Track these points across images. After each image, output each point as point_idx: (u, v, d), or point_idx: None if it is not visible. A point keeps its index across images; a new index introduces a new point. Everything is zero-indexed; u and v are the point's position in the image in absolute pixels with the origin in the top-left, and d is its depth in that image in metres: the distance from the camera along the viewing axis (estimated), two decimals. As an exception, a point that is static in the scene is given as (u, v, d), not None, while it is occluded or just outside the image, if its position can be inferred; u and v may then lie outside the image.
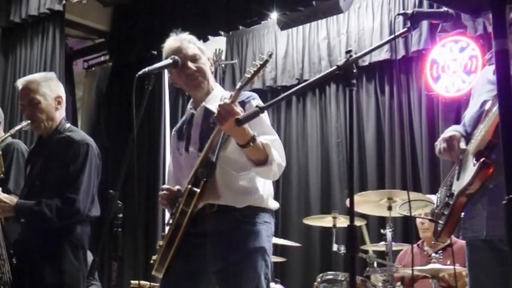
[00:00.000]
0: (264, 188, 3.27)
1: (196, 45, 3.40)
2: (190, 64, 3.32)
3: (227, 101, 2.96)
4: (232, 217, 3.17)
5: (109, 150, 6.84)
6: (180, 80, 3.40)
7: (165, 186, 3.39)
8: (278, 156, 3.12)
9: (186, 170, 3.32)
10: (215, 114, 2.98)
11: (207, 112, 3.29)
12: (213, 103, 3.19)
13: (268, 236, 3.23)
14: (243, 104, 3.15)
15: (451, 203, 2.99)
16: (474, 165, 2.85)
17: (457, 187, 2.98)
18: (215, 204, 3.19)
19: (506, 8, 1.94)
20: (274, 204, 3.34)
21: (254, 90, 4.80)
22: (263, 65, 3.09)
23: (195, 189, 3.12)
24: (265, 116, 3.26)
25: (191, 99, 3.51)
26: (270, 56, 3.09)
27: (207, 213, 3.20)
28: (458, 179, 3.00)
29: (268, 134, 3.18)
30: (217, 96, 3.29)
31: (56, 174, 3.86)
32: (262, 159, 3.07)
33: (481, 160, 2.81)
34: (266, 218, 3.25)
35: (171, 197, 3.31)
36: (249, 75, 3.08)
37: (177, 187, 3.30)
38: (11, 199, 3.83)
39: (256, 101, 3.25)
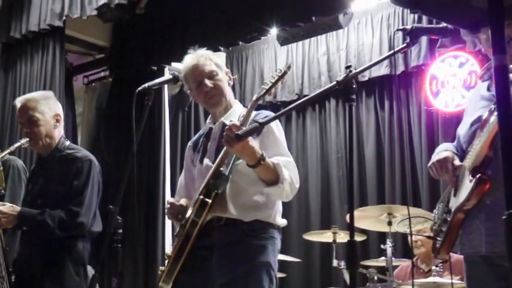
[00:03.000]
0: (274, 204, 3.28)
1: (213, 61, 3.41)
2: (207, 81, 3.34)
3: (236, 123, 2.97)
4: (239, 230, 3.18)
5: (109, 165, 6.83)
6: (199, 98, 3.44)
7: (170, 200, 3.41)
8: (290, 176, 3.13)
9: (198, 181, 3.33)
10: (224, 137, 2.96)
11: (225, 127, 3.31)
12: (231, 119, 3.18)
13: (274, 251, 3.24)
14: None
15: (448, 219, 2.99)
16: (470, 181, 2.85)
17: (454, 203, 2.99)
18: (223, 217, 3.20)
19: (505, 23, 1.94)
20: (282, 221, 3.34)
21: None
22: (281, 77, 3.11)
23: (206, 199, 3.12)
24: (282, 138, 3.30)
25: (210, 115, 3.53)
26: (289, 68, 3.13)
27: (214, 226, 3.21)
28: (455, 195, 3.01)
29: (282, 155, 3.20)
30: (236, 113, 3.30)
31: (58, 191, 3.87)
32: (273, 179, 3.08)
33: (477, 176, 2.82)
34: (273, 233, 3.26)
35: (173, 211, 3.32)
36: (266, 87, 3.10)
37: (181, 201, 3.31)
38: (13, 208, 3.83)
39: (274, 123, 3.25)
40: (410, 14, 6.67)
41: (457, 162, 3.02)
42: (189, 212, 3.21)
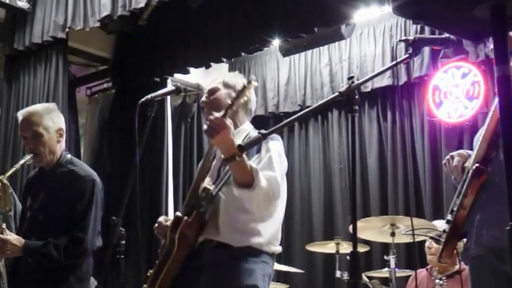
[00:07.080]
0: (268, 232, 3.20)
1: (224, 81, 3.35)
2: (204, 97, 3.35)
3: (217, 114, 2.89)
4: (229, 253, 3.13)
5: (112, 176, 6.83)
6: None
7: (159, 219, 3.39)
8: (268, 187, 3.00)
9: None
10: (205, 127, 2.92)
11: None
12: (236, 140, 2.98)
13: (263, 276, 3.16)
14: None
15: (451, 219, 2.98)
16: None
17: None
18: (214, 240, 3.17)
19: (508, 34, 1.95)
20: (276, 248, 3.26)
21: (256, 117, 4.80)
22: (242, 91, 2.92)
23: (181, 215, 3.13)
24: (277, 158, 3.15)
25: None
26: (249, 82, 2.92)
27: (205, 247, 3.18)
28: (458, 197, 3.01)
29: (270, 170, 3.07)
30: (241, 133, 3.23)
31: (60, 210, 3.82)
32: (246, 182, 2.96)
33: (474, 167, 2.83)
34: (264, 258, 3.19)
35: (159, 231, 3.34)
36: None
37: (170, 222, 3.28)
38: (19, 240, 3.78)
39: (276, 142, 3.18)
40: (413, 24, 6.68)
41: (467, 164, 3.04)
42: None
